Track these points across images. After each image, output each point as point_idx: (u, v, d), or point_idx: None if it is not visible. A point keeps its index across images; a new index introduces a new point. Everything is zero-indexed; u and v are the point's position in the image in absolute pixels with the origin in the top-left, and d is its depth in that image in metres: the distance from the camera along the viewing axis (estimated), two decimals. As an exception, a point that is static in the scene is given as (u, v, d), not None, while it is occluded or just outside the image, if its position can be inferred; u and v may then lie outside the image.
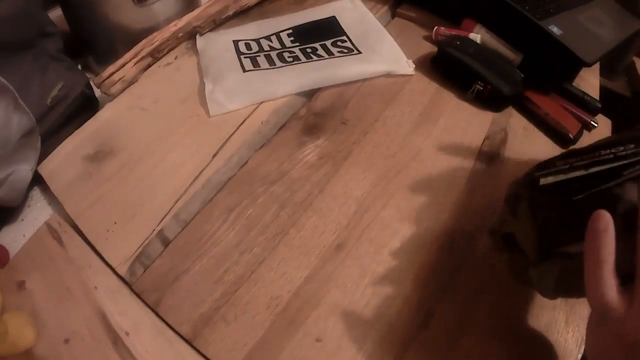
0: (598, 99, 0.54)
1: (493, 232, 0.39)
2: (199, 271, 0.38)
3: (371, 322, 0.35)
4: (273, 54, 0.55)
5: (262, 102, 0.51)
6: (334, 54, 0.54)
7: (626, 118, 0.56)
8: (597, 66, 0.61)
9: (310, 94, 0.52)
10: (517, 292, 0.37)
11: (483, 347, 0.34)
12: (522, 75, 0.51)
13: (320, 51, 0.55)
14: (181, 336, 0.35)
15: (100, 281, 0.38)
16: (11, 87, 0.38)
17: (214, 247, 0.40)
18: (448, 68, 0.54)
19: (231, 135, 0.48)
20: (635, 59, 0.58)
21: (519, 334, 0.35)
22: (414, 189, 0.44)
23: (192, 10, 0.58)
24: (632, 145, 0.30)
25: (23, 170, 0.42)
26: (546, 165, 0.34)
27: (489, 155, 0.47)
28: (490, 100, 0.51)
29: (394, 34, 0.58)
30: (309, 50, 0.55)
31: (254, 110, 0.50)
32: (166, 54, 0.56)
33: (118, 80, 0.51)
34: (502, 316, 0.36)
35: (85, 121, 0.49)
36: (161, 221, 0.41)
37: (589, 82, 0.59)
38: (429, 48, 0.57)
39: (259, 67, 0.53)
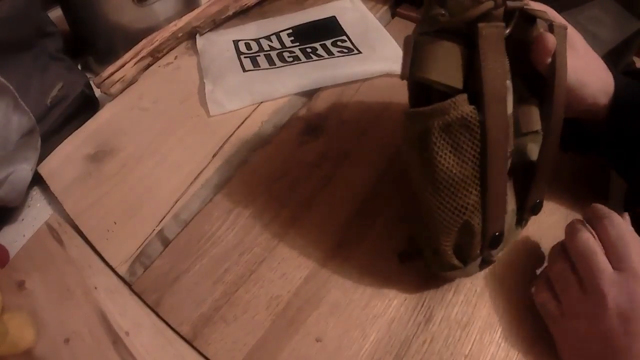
0: (598, 98, 0.54)
1: None
2: (199, 271, 0.38)
3: (371, 322, 0.35)
4: (273, 53, 0.55)
5: (262, 102, 0.51)
6: (334, 54, 0.54)
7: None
8: (597, 66, 0.60)
9: (310, 94, 0.52)
10: (517, 292, 0.37)
11: (483, 347, 0.34)
12: (522, 75, 0.51)
13: (320, 51, 0.55)
14: (181, 336, 0.35)
15: (100, 281, 0.38)
16: (11, 87, 0.38)
17: (214, 247, 0.40)
18: (448, 68, 0.54)
19: (231, 135, 0.48)
20: (635, 58, 0.58)
21: (519, 334, 0.35)
22: (414, 189, 0.44)
23: (192, 10, 0.58)
24: None
25: (23, 170, 0.42)
26: None
27: (489, 155, 0.47)
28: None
29: (394, 34, 0.58)
30: (309, 50, 0.55)
31: (254, 110, 0.50)
32: (166, 54, 0.56)
33: (118, 80, 0.51)
34: (503, 316, 0.36)
35: (85, 121, 0.49)
36: (161, 221, 0.41)
37: (589, 82, 0.59)
38: (429, 48, 0.57)
39: (259, 67, 0.53)
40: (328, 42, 0.56)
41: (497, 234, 0.31)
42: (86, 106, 0.51)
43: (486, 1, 0.26)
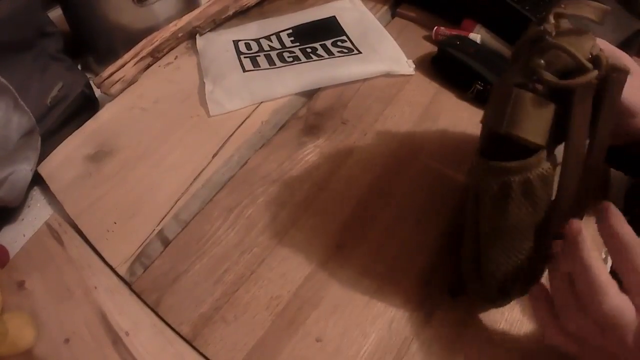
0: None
1: None
2: (199, 271, 0.38)
3: (371, 322, 0.35)
4: (273, 53, 0.55)
5: (262, 102, 0.51)
6: (334, 54, 0.54)
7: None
8: (597, 66, 0.60)
9: (310, 94, 0.52)
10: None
11: (483, 347, 0.34)
12: (522, 75, 0.51)
13: (320, 51, 0.55)
14: (181, 336, 0.35)
15: (100, 281, 0.38)
16: (11, 87, 0.38)
17: (214, 247, 0.40)
18: (448, 68, 0.54)
19: (231, 135, 0.48)
20: (635, 58, 0.58)
21: (520, 334, 0.35)
22: (414, 188, 0.44)
23: (192, 10, 0.58)
24: None
25: (23, 170, 0.42)
26: None
27: (489, 155, 0.47)
28: (490, 100, 0.51)
29: (394, 34, 0.58)
30: (309, 50, 0.55)
31: (254, 110, 0.50)
32: (166, 54, 0.56)
33: (118, 80, 0.51)
34: (503, 315, 0.36)
35: (85, 121, 0.49)
36: (161, 221, 0.41)
37: (589, 82, 0.58)
38: (429, 48, 0.57)
39: (259, 67, 0.53)
40: (328, 42, 0.56)
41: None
42: (86, 106, 0.51)
43: (591, 72, 0.27)
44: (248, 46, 0.56)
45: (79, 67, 0.59)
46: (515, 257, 0.31)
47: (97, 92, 0.53)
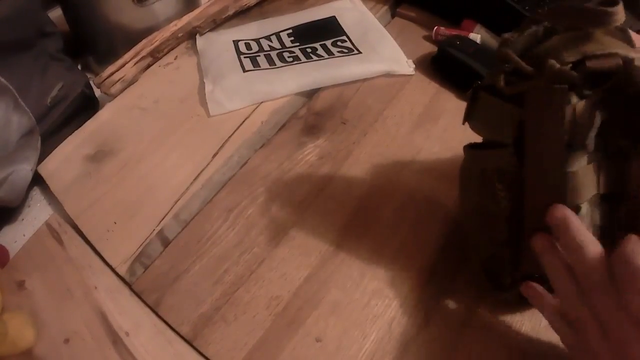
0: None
1: None
2: (199, 271, 0.38)
3: (371, 322, 0.35)
4: (273, 53, 0.55)
5: (262, 102, 0.51)
6: (334, 54, 0.54)
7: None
8: (597, 66, 0.60)
9: (310, 94, 0.52)
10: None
11: (483, 347, 0.34)
12: (522, 75, 0.51)
13: (320, 51, 0.55)
14: (181, 336, 0.35)
15: (100, 281, 0.38)
16: (11, 87, 0.38)
17: (214, 247, 0.40)
18: (448, 68, 0.54)
19: (231, 135, 0.48)
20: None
21: (520, 333, 0.35)
22: (414, 189, 0.44)
23: (192, 10, 0.58)
24: None
25: (23, 170, 0.42)
26: None
27: (489, 155, 0.47)
28: (490, 100, 0.51)
29: (394, 34, 0.58)
30: (309, 50, 0.55)
31: (254, 110, 0.50)
32: (166, 54, 0.56)
33: (118, 80, 0.51)
34: (503, 316, 0.36)
35: (85, 121, 0.49)
36: (161, 221, 0.41)
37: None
38: (429, 48, 0.57)
39: (259, 67, 0.53)
40: (328, 42, 0.56)
41: (536, 275, 0.30)
42: (86, 106, 0.51)
43: (525, 82, 0.27)
44: (248, 46, 0.56)
45: (79, 67, 0.59)
46: (495, 244, 0.31)
47: (97, 92, 0.53)
